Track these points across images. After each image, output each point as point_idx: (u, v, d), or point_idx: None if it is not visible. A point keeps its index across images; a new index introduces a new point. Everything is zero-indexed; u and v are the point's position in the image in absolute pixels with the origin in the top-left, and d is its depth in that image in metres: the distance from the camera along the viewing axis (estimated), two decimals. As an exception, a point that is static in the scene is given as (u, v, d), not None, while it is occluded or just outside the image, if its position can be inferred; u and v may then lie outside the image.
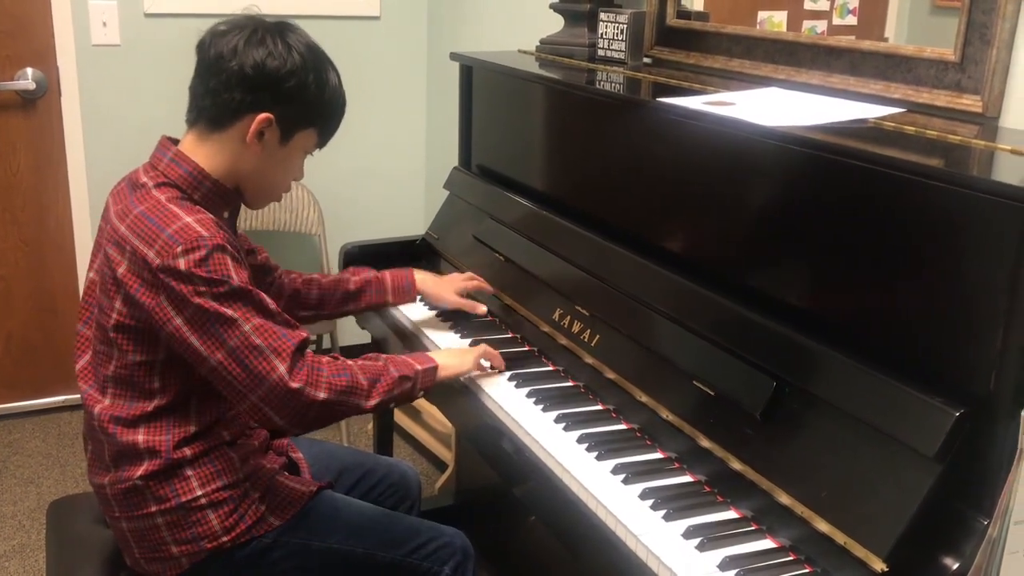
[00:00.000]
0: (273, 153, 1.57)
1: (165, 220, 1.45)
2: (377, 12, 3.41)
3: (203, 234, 1.44)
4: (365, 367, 1.58)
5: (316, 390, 1.49)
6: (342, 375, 1.53)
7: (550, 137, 2.15)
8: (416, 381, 1.63)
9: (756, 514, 1.35)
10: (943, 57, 1.57)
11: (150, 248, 1.43)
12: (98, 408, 1.54)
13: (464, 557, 1.72)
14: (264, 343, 1.46)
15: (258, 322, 1.46)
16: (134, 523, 1.56)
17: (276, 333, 1.47)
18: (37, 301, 3.27)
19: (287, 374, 1.46)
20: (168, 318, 1.44)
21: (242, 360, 1.45)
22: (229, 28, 1.53)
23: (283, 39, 1.52)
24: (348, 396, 1.53)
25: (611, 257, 1.79)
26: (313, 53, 1.55)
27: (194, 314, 1.44)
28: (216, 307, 1.43)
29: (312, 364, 1.51)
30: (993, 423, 1.16)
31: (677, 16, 2.13)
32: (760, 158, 1.51)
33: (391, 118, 3.55)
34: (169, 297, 1.43)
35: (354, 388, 1.54)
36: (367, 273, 2.00)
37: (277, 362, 1.46)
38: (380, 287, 1.99)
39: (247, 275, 1.49)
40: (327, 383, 1.50)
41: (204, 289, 1.43)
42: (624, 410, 1.63)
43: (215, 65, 1.51)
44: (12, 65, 3.04)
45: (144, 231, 1.45)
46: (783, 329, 1.41)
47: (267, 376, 1.46)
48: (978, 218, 1.18)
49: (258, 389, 1.46)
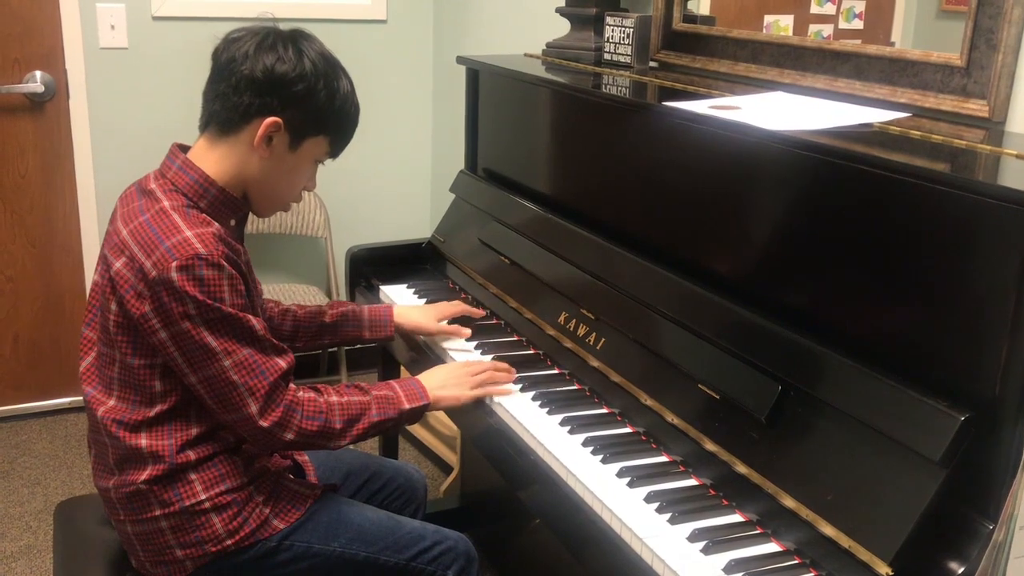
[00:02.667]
0: (282, 160, 1.56)
1: (166, 231, 1.45)
2: (384, 16, 3.42)
3: (200, 251, 1.43)
4: (347, 406, 1.59)
5: (285, 432, 1.52)
6: (316, 419, 1.54)
7: (556, 141, 2.15)
8: (401, 420, 1.65)
9: (761, 517, 1.35)
10: (949, 62, 1.57)
11: (148, 258, 1.44)
12: (101, 411, 1.54)
13: (468, 561, 1.72)
14: (240, 380, 1.47)
15: (241, 356, 1.47)
16: (139, 526, 1.56)
17: (255, 369, 1.48)
18: (44, 303, 3.28)
19: (257, 415, 1.49)
20: (154, 329, 1.45)
21: (216, 390, 1.48)
22: (244, 34, 1.54)
23: (295, 45, 1.52)
24: (317, 439, 1.56)
25: (616, 261, 1.79)
26: (325, 61, 1.55)
27: (179, 335, 1.44)
28: (202, 336, 1.44)
29: (289, 404, 1.52)
30: (999, 428, 1.16)
31: (683, 20, 2.14)
32: (766, 162, 1.51)
33: (397, 121, 3.56)
34: (158, 310, 1.43)
35: (325, 432, 1.56)
36: (345, 307, 1.95)
37: (250, 400, 1.48)
38: (356, 321, 1.94)
39: (242, 292, 1.49)
40: (297, 427, 1.53)
41: (194, 312, 1.43)
42: (629, 413, 1.63)
43: (226, 69, 1.52)
44: (20, 68, 3.06)
45: (144, 239, 1.46)
46: (788, 333, 1.41)
47: (238, 410, 1.49)
48: (984, 223, 1.18)
49: (230, 415, 1.50)
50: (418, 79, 3.56)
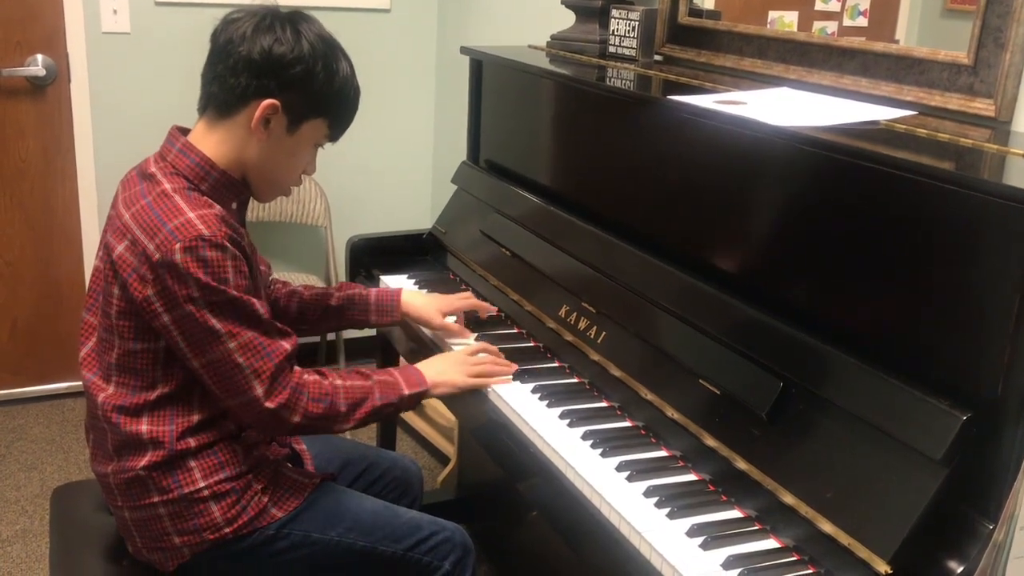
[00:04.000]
0: (280, 142, 1.56)
1: (168, 213, 1.45)
2: (387, 5, 3.41)
3: (203, 232, 1.42)
4: (350, 389, 1.59)
5: (292, 414, 1.52)
6: (321, 401, 1.55)
7: (559, 133, 2.14)
8: (401, 405, 1.65)
9: (760, 514, 1.35)
10: (956, 60, 1.57)
11: (151, 241, 1.43)
12: (102, 396, 1.54)
13: (464, 552, 1.73)
14: (246, 362, 1.47)
15: (245, 338, 1.47)
16: (136, 513, 1.56)
17: (260, 351, 1.48)
18: (43, 287, 3.28)
19: (263, 396, 1.49)
20: (157, 313, 1.44)
21: (221, 373, 1.47)
22: (242, 15, 1.53)
23: (294, 27, 1.51)
24: (322, 422, 1.56)
25: (618, 254, 1.79)
26: (324, 43, 1.54)
27: (182, 318, 1.44)
28: (205, 318, 1.44)
29: (295, 387, 1.52)
30: (1000, 427, 1.15)
31: (689, 14, 2.13)
32: (770, 158, 1.51)
33: (400, 111, 3.55)
34: (162, 293, 1.43)
35: (330, 415, 1.56)
36: (352, 289, 1.93)
37: (256, 383, 1.48)
38: (363, 305, 1.92)
39: (246, 273, 1.48)
40: (303, 409, 1.53)
41: (197, 295, 1.42)
42: (629, 407, 1.63)
43: (224, 51, 1.51)
44: (22, 51, 3.04)
45: (147, 222, 1.45)
46: (791, 330, 1.41)
47: (244, 393, 1.48)
48: (988, 221, 1.18)
49: (234, 399, 1.50)
50: (421, 69, 3.55)
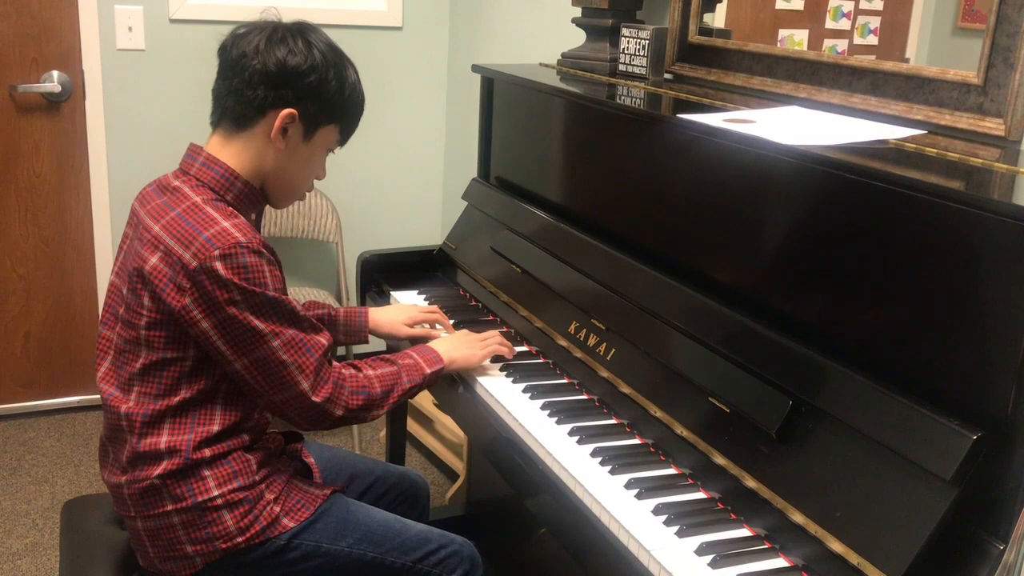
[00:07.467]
0: (297, 150, 1.60)
1: (202, 223, 1.48)
2: (400, 23, 3.44)
3: (240, 239, 1.46)
4: (383, 377, 1.66)
5: (335, 408, 1.58)
6: (360, 393, 1.61)
7: (569, 150, 2.15)
8: (423, 384, 1.73)
9: (769, 532, 1.35)
10: (966, 79, 1.57)
11: (186, 250, 1.46)
12: (124, 408, 1.55)
13: (473, 566, 1.74)
14: (290, 359, 1.52)
15: (287, 336, 1.51)
16: (149, 522, 1.57)
17: (302, 347, 1.53)
18: (56, 302, 3.30)
19: (310, 391, 1.54)
20: (195, 320, 1.47)
21: (267, 371, 1.51)
22: (250, 30, 1.57)
23: (304, 38, 1.56)
24: (361, 412, 1.63)
25: (628, 271, 1.79)
26: (333, 51, 1.60)
27: (224, 321, 1.47)
28: (248, 320, 1.47)
29: (336, 381, 1.58)
30: (1011, 447, 1.15)
31: (699, 33, 2.14)
32: (780, 176, 1.51)
33: (411, 128, 3.56)
34: (202, 299, 1.45)
35: (367, 406, 1.63)
36: (321, 309, 1.95)
37: (301, 378, 1.53)
38: (332, 325, 1.95)
39: (280, 277, 1.53)
40: (345, 403, 1.59)
41: (240, 299, 1.46)
42: (638, 425, 1.63)
43: (238, 64, 1.54)
44: (38, 68, 3.08)
45: (180, 233, 1.48)
46: (800, 348, 1.41)
47: (291, 388, 1.53)
48: (998, 241, 1.18)
49: (281, 395, 1.54)
50: (433, 86, 3.57)
